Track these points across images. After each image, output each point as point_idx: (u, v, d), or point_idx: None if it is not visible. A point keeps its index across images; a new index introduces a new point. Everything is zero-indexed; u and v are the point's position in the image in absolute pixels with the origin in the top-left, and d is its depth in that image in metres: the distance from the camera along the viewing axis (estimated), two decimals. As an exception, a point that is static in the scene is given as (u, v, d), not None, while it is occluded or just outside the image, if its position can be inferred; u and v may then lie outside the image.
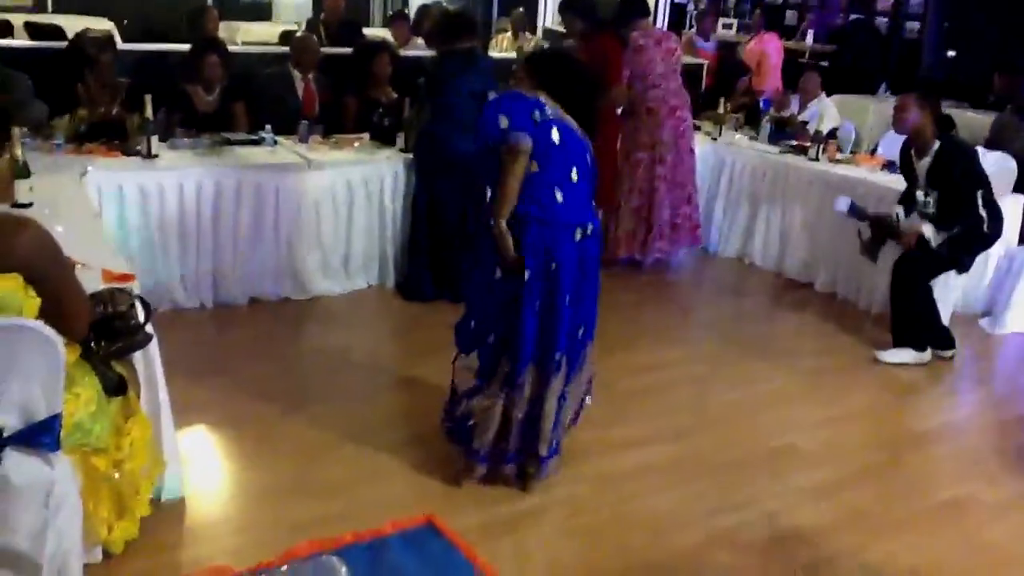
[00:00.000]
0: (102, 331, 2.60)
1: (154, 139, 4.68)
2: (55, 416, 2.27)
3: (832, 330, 5.21)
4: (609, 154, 5.58)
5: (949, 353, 4.79)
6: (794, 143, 6.29)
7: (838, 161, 5.95)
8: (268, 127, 5.17)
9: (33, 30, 9.36)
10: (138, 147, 4.67)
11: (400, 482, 3.35)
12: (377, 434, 3.67)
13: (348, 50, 6.34)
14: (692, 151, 5.91)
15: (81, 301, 2.42)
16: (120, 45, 8.79)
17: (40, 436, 2.23)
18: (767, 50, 8.37)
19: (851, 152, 6.43)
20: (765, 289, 5.93)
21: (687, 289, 6.07)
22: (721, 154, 6.44)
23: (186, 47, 5.50)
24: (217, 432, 3.63)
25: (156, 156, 4.65)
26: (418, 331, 4.75)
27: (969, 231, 4.54)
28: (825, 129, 6.34)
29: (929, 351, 4.70)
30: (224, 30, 10.95)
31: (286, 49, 6.05)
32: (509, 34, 9.35)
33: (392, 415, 3.93)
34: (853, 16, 12.14)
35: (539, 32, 11.68)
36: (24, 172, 3.58)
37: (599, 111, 5.28)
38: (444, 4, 9.51)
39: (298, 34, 5.98)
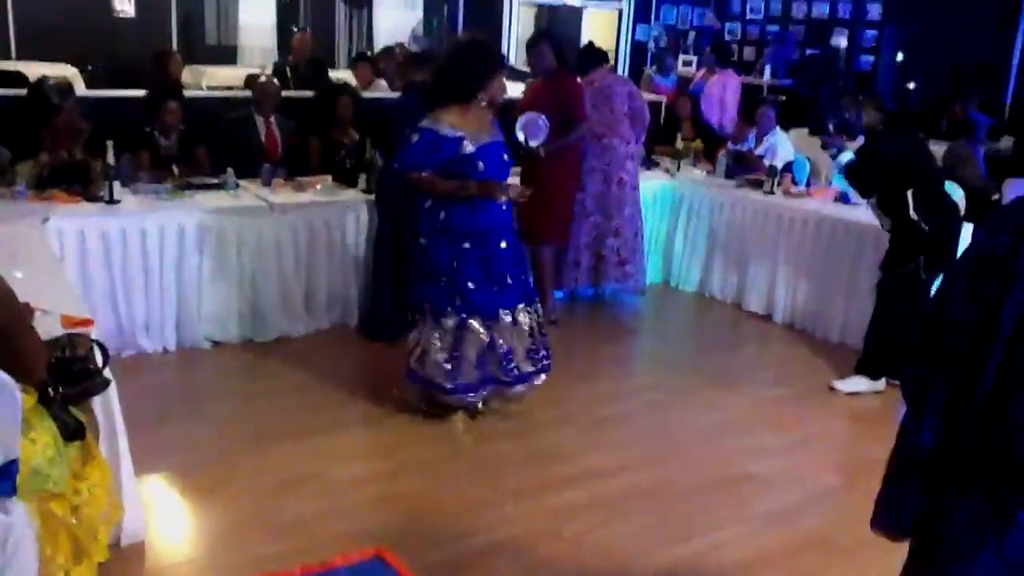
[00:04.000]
0: (60, 376, 2.62)
1: (116, 184, 4.72)
2: (11, 462, 2.29)
3: (790, 360, 5.32)
4: (567, 189, 5.68)
5: (902, 380, 4.87)
6: (751, 177, 6.42)
7: (792, 195, 6.09)
8: (230, 170, 5.22)
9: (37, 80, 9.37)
10: (100, 192, 4.71)
11: (359, 517, 3.38)
12: (337, 469, 3.71)
13: (310, 93, 6.42)
14: (623, 182, 5.91)
15: (37, 347, 2.45)
16: (82, 91, 8.89)
17: (-4, 483, 2.25)
18: (726, 87, 8.58)
19: (806, 185, 6.57)
20: (725, 321, 6.03)
21: (647, 322, 6.15)
22: (679, 189, 6.56)
23: (144, 92, 5.54)
24: (178, 474, 3.63)
25: (118, 201, 4.68)
26: (381, 369, 4.78)
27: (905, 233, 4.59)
28: (780, 163, 6.48)
29: (883, 380, 4.80)
30: (189, 74, 11.05)
31: (249, 93, 6.11)
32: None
33: (353, 451, 3.97)
34: (809, 51, 12.45)
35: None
36: (-19, 221, 3.60)
37: (561, 149, 5.43)
38: (407, 45, 9.65)
39: (260, 78, 6.04)
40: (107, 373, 2.80)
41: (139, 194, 4.88)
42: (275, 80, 6.14)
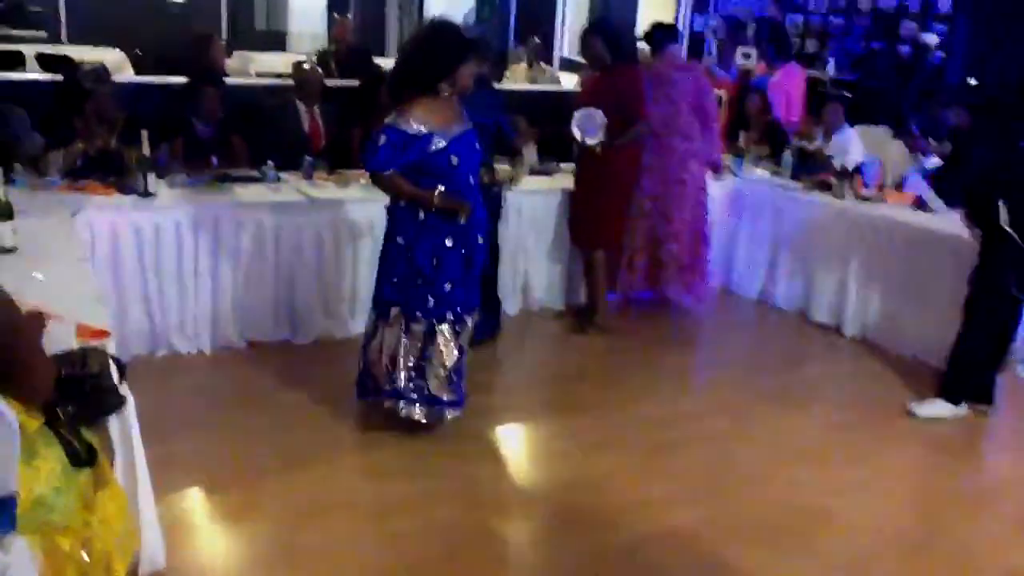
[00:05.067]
0: (70, 395, 2.38)
1: (151, 176, 4.49)
2: (9, 496, 2.05)
3: (862, 379, 4.95)
4: (625, 190, 5.34)
5: (987, 407, 4.48)
6: (819, 178, 6.04)
7: (864, 198, 5.70)
8: (270, 163, 4.98)
9: (44, 61, 9.28)
10: (135, 184, 4.48)
11: (384, 551, 3.12)
12: (364, 496, 3.45)
13: (354, 82, 6.16)
14: (684, 183, 5.50)
15: (42, 364, 2.20)
16: (130, 76, 8.75)
17: (-8, 518, 2.01)
18: (791, 81, 8.14)
19: (878, 187, 6.17)
20: (789, 333, 5.66)
21: (704, 332, 5.77)
22: (741, 189, 6.20)
23: (184, 79, 5.32)
24: (202, 493, 3.40)
25: (152, 194, 4.45)
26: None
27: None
28: (851, 163, 6.09)
29: (965, 405, 4.41)
30: (238, 60, 10.90)
31: (291, 81, 5.87)
32: (524, 64, 9.17)
33: (389, 471, 3.67)
34: (875, 44, 11.92)
35: (556, 63, 11.53)
36: (6, 214, 3.39)
37: (620, 147, 5.10)
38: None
39: (303, 65, 5.78)
40: (124, 390, 2.56)
41: (175, 186, 4.66)
42: (318, 68, 5.88)
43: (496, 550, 3.21)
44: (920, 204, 5.46)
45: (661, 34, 5.59)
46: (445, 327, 3.77)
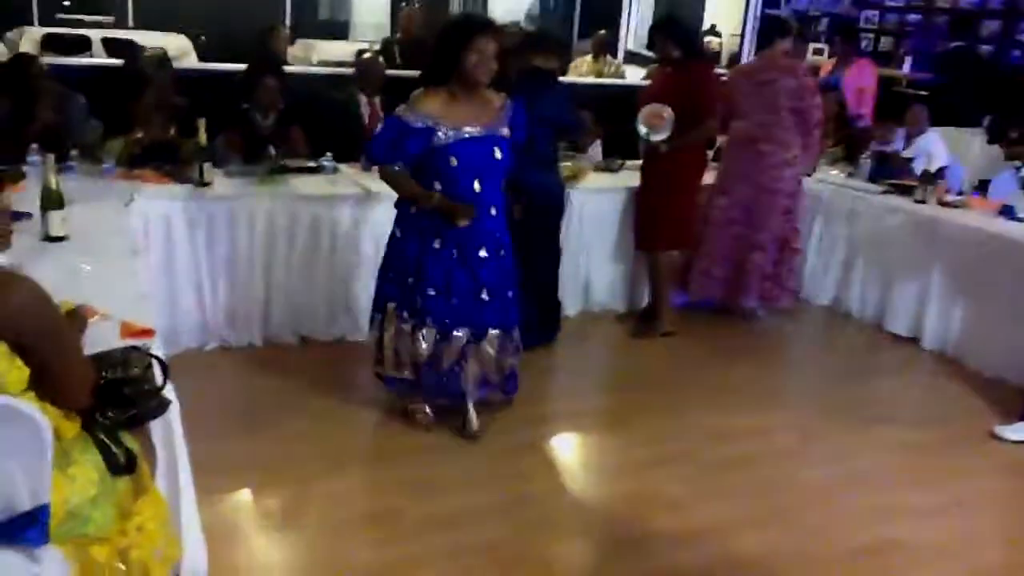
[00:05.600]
0: (110, 398, 2.27)
1: (207, 166, 4.40)
2: (42, 507, 1.93)
3: (941, 396, 4.66)
4: (691, 191, 5.12)
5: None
6: (898, 182, 5.74)
7: (948, 204, 5.39)
8: (328, 154, 4.86)
9: (110, 46, 9.33)
10: (191, 173, 4.40)
11: (430, 569, 2.96)
12: (411, 508, 3.27)
13: (416, 72, 6.01)
14: (776, 192, 5.26)
15: (80, 368, 2.08)
16: (193, 63, 8.74)
17: (23, 531, 1.90)
18: (863, 78, 7.80)
19: (959, 193, 5.85)
20: (862, 344, 5.39)
21: (773, 341, 5.49)
22: (815, 191, 5.92)
23: (244, 67, 5.23)
24: (244, 500, 3.29)
25: (208, 184, 4.36)
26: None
27: None
28: (933, 167, 5.78)
29: (1058, 428, 4.13)
30: (300, 48, 10.87)
31: (351, 71, 5.75)
32: (589, 57, 8.95)
33: (432, 485, 3.47)
34: (954, 43, 11.45)
35: (620, 56, 11.29)
36: (57, 202, 3.31)
37: (687, 145, 4.89)
38: (522, 24, 9.17)
39: (365, 54, 5.66)
40: (168, 392, 2.44)
41: (232, 176, 4.56)
42: (380, 58, 5.75)
43: (549, 573, 3.04)
44: (1007, 212, 5.14)
45: (768, 28, 5.34)
46: (425, 332, 3.61)
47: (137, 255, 3.36)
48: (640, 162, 5.17)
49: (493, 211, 3.55)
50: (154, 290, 3.98)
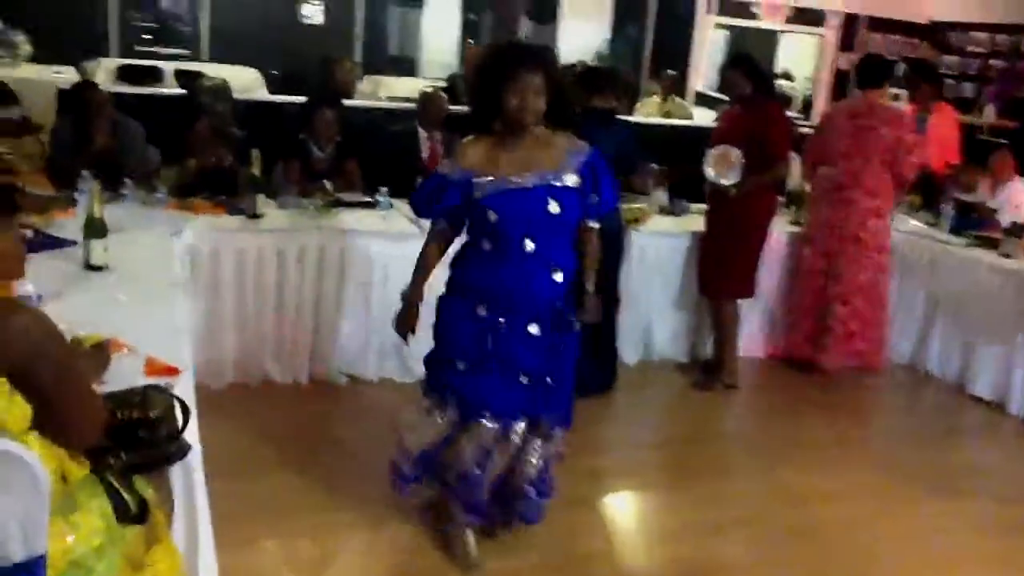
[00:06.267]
0: (125, 440, 2.12)
1: (260, 197, 4.31)
2: (38, 558, 1.78)
3: (1030, 468, 4.31)
4: (759, 237, 4.86)
5: None
6: (983, 234, 5.40)
7: (1037, 258, 5.04)
8: (384, 189, 4.73)
9: (181, 77, 9.44)
10: (243, 205, 4.31)
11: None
12: (455, 569, 3.05)
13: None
14: (862, 242, 4.98)
15: (88, 406, 1.93)
16: (262, 95, 8.77)
17: (16, 584, 1.74)
18: (944, 125, 7.47)
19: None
20: (943, 407, 5.03)
21: (846, 397, 5.13)
22: (893, 241, 5.60)
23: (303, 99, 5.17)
24: (270, 547, 3.10)
25: (260, 216, 4.26)
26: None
27: None
28: (1021, 219, 5.43)
29: None
30: (369, 84, 10.89)
31: (413, 106, 5.65)
32: (657, 98, 8.76)
33: (482, 542, 3.18)
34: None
35: (690, 97, 11.09)
36: (99, 230, 3.21)
37: (758, 187, 4.66)
38: (589, 62, 9.02)
39: (427, 90, 5.56)
40: (188, 436, 2.28)
41: (285, 208, 4.46)
42: (443, 93, 5.64)
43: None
44: (1104, 269, 4.78)
45: (870, 69, 5.12)
46: (446, 413, 2.99)
47: (177, 287, 3.23)
48: (707, 206, 4.94)
49: (557, 276, 2.87)
50: (198, 323, 3.89)
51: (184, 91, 5.45)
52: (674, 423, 4.69)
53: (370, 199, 4.75)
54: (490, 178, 2.85)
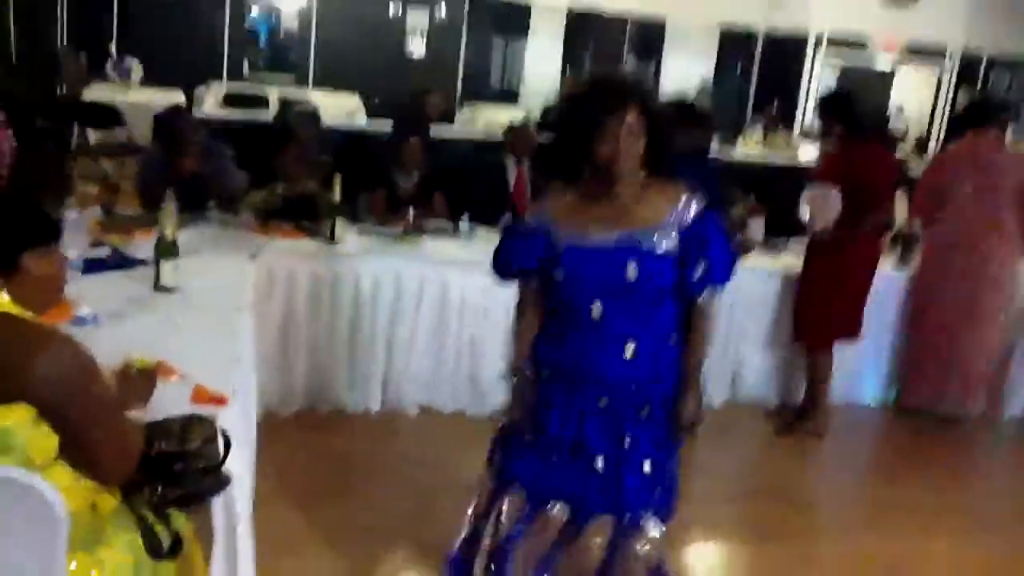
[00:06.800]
0: (161, 473, 2.05)
1: (340, 222, 4.28)
2: (56, 595, 1.71)
3: None
4: (861, 285, 4.58)
5: None
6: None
7: None
8: (465, 216, 4.66)
9: (285, 105, 9.67)
10: (324, 230, 4.29)
11: None
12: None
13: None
14: (999, 285, 4.79)
15: (119, 441, 1.86)
16: (360, 122, 8.90)
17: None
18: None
19: None
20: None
21: (948, 455, 4.72)
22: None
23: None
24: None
25: (337, 241, 4.23)
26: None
27: None
28: None
29: None
30: (467, 113, 10.96)
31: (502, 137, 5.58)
32: (759, 133, 8.51)
33: None
34: None
35: (796, 131, 10.77)
36: (170, 251, 3.21)
37: (862, 232, 4.41)
38: (688, 97, 8.83)
39: (515, 121, 5.49)
40: (233, 467, 2.20)
41: (364, 235, 4.42)
42: (530, 124, 5.55)
43: None
44: None
45: (982, 111, 4.95)
46: (510, 500, 2.59)
47: (242, 312, 3.19)
48: (806, 249, 4.69)
49: (628, 352, 2.41)
50: (270, 348, 3.86)
51: (273, 117, 5.50)
52: (756, 473, 4.43)
53: (452, 227, 4.68)
54: (569, 231, 2.42)
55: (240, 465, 2.33)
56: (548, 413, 2.49)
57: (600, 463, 2.46)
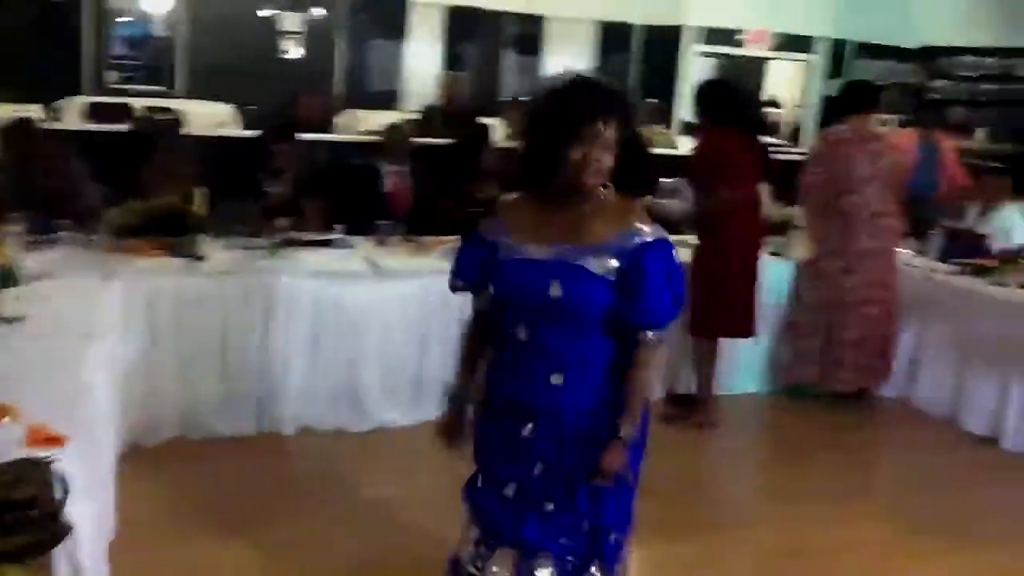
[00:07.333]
0: (-13, 526, 1.85)
1: (205, 238, 4.07)
2: None
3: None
4: (747, 275, 4.62)
5: None
6: (972, 261, 5.16)
7: (1031, 286, 4.80)
8: (339, 227, 4.50)
9: (145, 114, 9.26)
10: (186, 246, 4.06)
11: None
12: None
13: (450, 140, 5.68)
14: (895, 267, 5.03)
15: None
16: (232, 131, 8.56)
17: None
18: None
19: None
20: (938, 445, 4.72)
21: (832, 437, 4.78)
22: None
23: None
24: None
25: (202, 258, 4.01)
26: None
27: None
28: (1015, 245, 5.19)
29: None
30: (347, 118, 10.68)
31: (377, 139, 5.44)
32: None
33: None
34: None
35: (674, 126, 10.93)
36: (7, 279, 2.96)
37: (725, 221, 4.44)
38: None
39: (393, 123, 5.36)
40: (69, 514, 2.01)
41: (231, 250, 4.21)
42: (406, 126, 5.43)
43: None
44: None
45: (856, 95, 5.06)
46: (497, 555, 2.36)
47: (92, 340, 2.96)
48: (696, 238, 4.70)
49: (555, 379, 2.19)
50: (131, 376, 3.61)
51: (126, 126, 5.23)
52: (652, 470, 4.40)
53: (325, 238, 4.51)
54: (513, 243, 2.23)
55: (85, 509, 2.14)
56: (486, 446, 2.36)
57: (550, 504, 2.28)
